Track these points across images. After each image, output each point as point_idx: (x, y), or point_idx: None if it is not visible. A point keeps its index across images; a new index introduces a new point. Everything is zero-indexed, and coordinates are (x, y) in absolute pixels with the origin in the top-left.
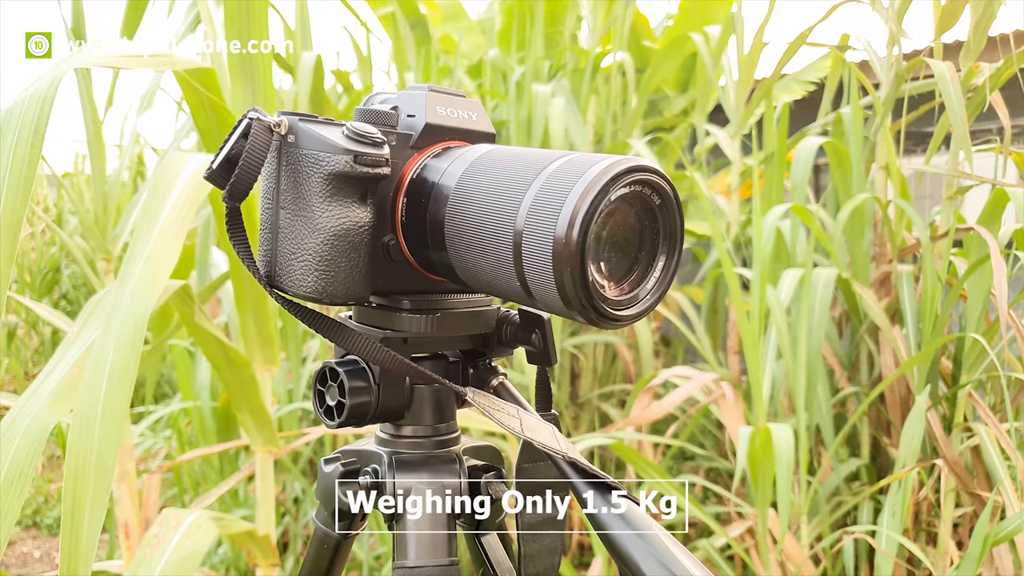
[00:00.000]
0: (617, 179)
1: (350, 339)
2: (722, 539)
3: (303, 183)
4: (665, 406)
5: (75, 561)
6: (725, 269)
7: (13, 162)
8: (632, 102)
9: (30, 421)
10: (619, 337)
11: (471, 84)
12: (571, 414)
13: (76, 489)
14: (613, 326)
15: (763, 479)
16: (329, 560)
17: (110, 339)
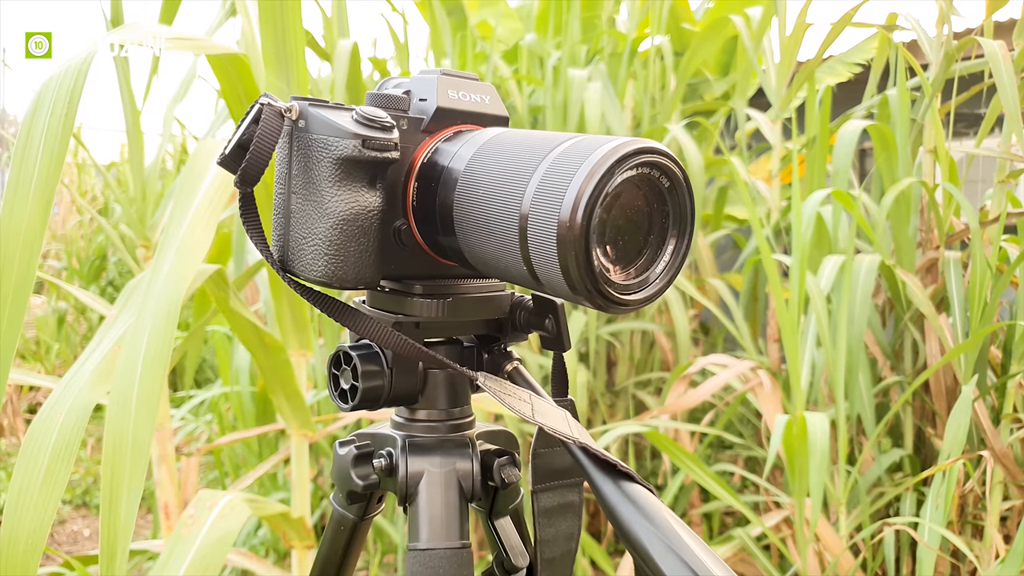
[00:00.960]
0: (623, 161)
1: (362, 323)
2: (758, 528)
3: (313, 168)
4: (701, 394)
5: (114, 537)
6: (763, 255)
7: (47, 134)
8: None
9: (72, 400)
10: (657, 325)
11: (507, 70)
12: (607, 402)
13: (114, 469)
14: (621, 311)
15: (799, 468)
16: (346, 542)
17: (144, 324)
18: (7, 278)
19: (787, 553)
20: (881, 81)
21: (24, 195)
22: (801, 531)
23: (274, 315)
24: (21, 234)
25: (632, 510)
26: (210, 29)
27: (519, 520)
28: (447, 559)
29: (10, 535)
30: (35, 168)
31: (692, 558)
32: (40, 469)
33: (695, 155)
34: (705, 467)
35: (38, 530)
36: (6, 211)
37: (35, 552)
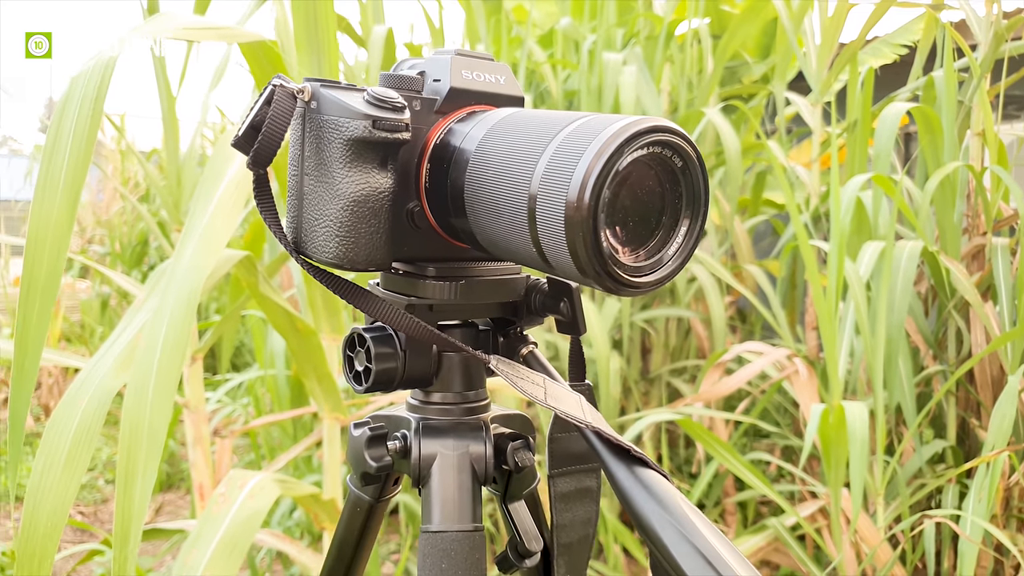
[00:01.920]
0: (632, 140)
1: (374, 305)
2: (794, 518)
3: (325, 149)
4: (735, 382)
5: (128, 519)
6: (800, 241)
7: (76, 128)
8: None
9: (97, 383)
10: (693, 312)
11: (542, 54)
12: (641, 389)
13: (129, 452)
14: (631, 293)
15: (836, 458)
16: (362, 524)
17: (164, 310)
18: (38, 269)
19: (822, 544)
20: (928, 62)
21: (53, 189)
22: (837, 522)
23: (307, 300)
24: (51, 226)
25: (645, 496)
26: (243, 17)
27: (535, 505)
28: (459, 541)
29: (31, 515)
30: (64, 162)
31: (705, 545)
32: (62, 451)
33: (732, 139)
34: (738, 456)
35: (58, 511)
36: (36, 205)
37: (55, 532)
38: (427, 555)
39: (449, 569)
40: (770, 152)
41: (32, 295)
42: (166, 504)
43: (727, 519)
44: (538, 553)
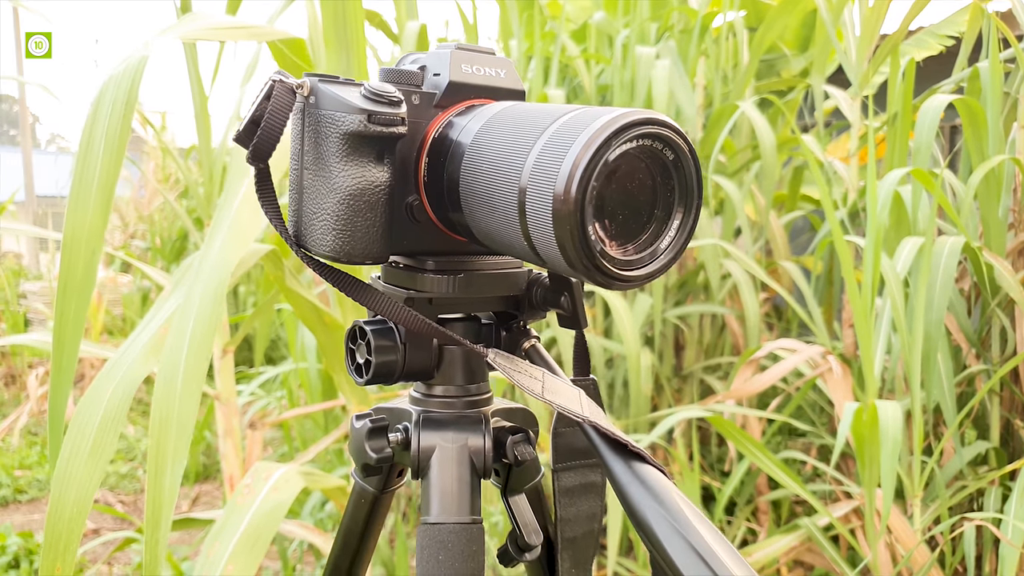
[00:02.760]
0: (620, 133)
1: (373, 298)
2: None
3: (322, 143)
4: (767, 379)
5: (158, 507)
6: (835, 237)
7: (108, 131)
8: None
9: (124, 371)
10: (727, 308)
11: (576, 49)
12: (674, 387)
13: (159, 442)
14: (622, 287)
15: (870, 458)
16: (367, 515)
17: (192, 303)
18: (74, 265)
19: (856, 545)
20: (973, 53)
21: (88, 187)
22: (871, 522)
23: (335, 295)
24: (86, 223)
25: (642, 491)
26: (273, 15)
27: (539, 499)
28: (456, 534)
29: (57, 501)
30: (97, 162)
31: (699, 541)
32: (88, 439)
33: (767, 133)
34: (769, 454)
35: (83, 498)
36: (72, 203)
37: (79, 519)
38: (425, 547)
39: (446, 561)
40: (805, 146)
41: (69, 290)
42: (203, 495)
43: (760, 518)
44: (538, 547)
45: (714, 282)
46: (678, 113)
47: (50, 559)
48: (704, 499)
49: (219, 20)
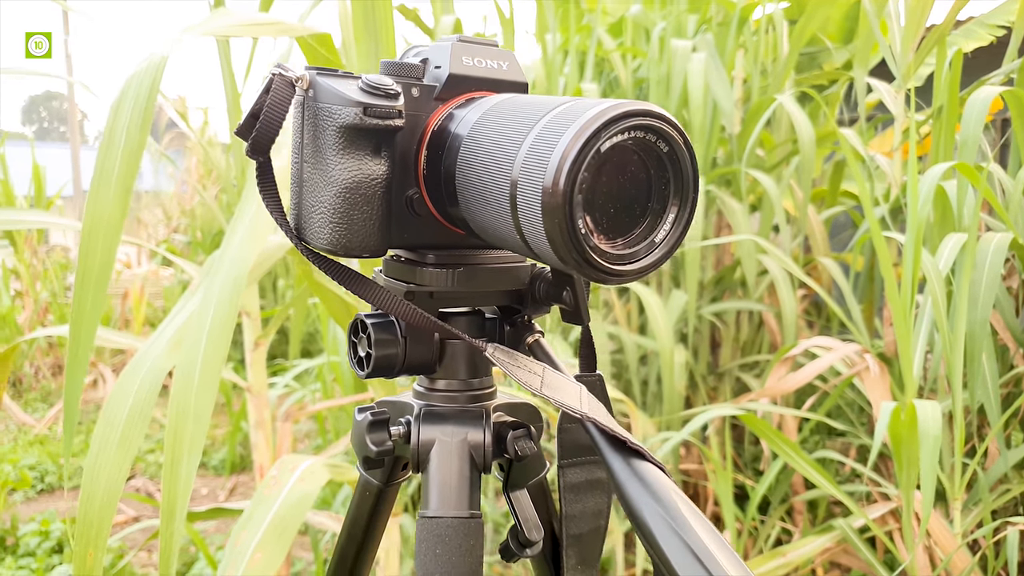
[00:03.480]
0: (610, 125)
1: (372, 292)
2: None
3: (320, 136)
4: (801, 378)
5: (174, 497)
6: (873, 233)
7: (128, 127)
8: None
9: (150, 364)
10: (764, 305)
11: (612, 42)
12: (709, 385)
13: (176, 434)
14: (615, 281)
15: (908, 459)
16: (371, 508)
17: (211, 298)
18: (92, 258)
19: (893, 548)
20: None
21: (107, 182)
22: (909, 524)
23: None
24: (104, 217)
25: (639, 488)
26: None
27: (544, 495)
28: (454, 528)
29: (89, 489)
30: (117, 158)
31: (696, 541)
32: (117, 430)
33: (806, 127)
34: (803, 453)
35: (113, 487)
36: (91, 197)
37: (110, 507)
38: (423, 540)
39: (443, 555)
40: (843, 140)
41: (87, 281)
42: (240, 485)
43: (795, 517)
44: (539, 543)
45: (750, 278)
46: (715, 107)
47: (82, 545)
48: (738, 498)
49: (247, 16)
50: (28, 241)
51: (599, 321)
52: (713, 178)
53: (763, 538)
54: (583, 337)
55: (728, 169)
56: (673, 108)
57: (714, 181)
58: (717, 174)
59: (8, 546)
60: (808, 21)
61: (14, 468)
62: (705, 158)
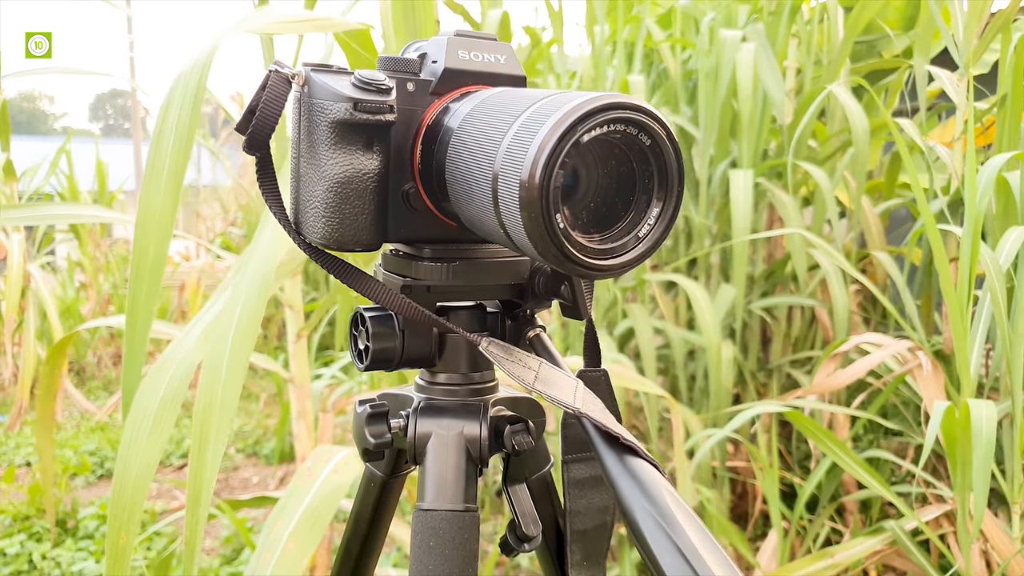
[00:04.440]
0: (587, 118)
1: (368, 286)
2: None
3: (314, 131)
4: (849, 375)
5: (199, 484)
6: (927, 225)
7: (177, 124)
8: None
9: (183, 355)
10: (817, 300)
11: (661, 33)
12: (758, 381)
13: (203, 424)
14: (598, 276)
15: (962, 460)
16: (376, 499)
17: (240, 292)
18: (146, 251)
19: (947, 552)
20: None
21: (158, 177)
22: (964, 528)
23: None
24: (156, 211)
25: (631, 484)
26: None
27: (548, 490)
28: (448, 520)
29: (121, 475)
30: (168, 153)
31: (683, 538)
32: (149, 418)
33: (859, 117)
34: (850, 452)
35: (143, 474)
36: (143, 192)
37: (141, 493)
38: (417, 532)
39: (437, 547)
40: (895, 129)
41: (141, 273)
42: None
43: (846, 518)
44: (537, 537)
45: (800, 273)
46: (765, 98)
47: (115, 529)
48: (789, 496)
49: (286, 13)
50: (92, 235)
51: (645, 315)
52: (762, 170)
53: (811, 537)
54: (587, 331)
55: (777, 161)
56: (721, 99)
57: (764, 173)
58: (767, 166)
59: (68, 528)
60: (864, 8)
61: (75, 453)
62: (756, 150)
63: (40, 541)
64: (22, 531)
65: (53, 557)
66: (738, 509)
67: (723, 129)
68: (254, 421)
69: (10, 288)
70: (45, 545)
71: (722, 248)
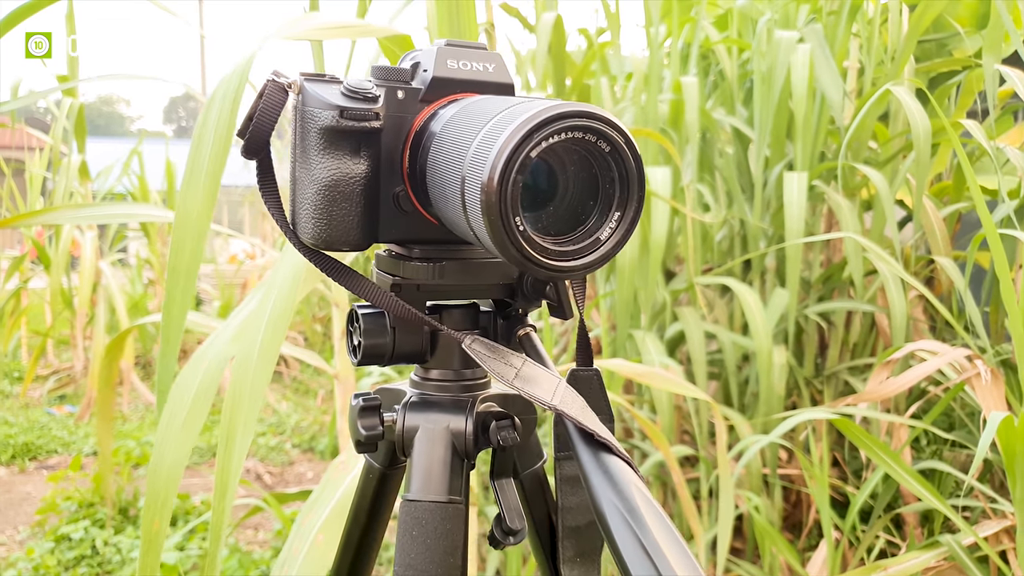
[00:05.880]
0: (543, 126)
1: (358, 284)
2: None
3: (306, 138)
4: (902, 383)
5: (226, 475)
6: (987, 230)
7: (216, 129)
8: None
9: (216, 351)
10: (875, 306)
11: (717, 35)
12: (814, 388)
13: (231, 417)
14: (560, 277)
15: (1022, 474)
16: (375, 491)
17: (273, 289)
18: (183, 249)
19: (1006, 569)
20: None
21: (197, 178)
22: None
23: None
24: (194, 211)
25: (602, 481)
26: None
27: (541, 486)
28: (432, 512)
29: (155, 467)
30: (207, 155)
31: (648, 536)
32: (183, 411)
33: (920, 118)
34: (902, 462)
35: (176, 464)
36: (182, 192)
37: (174, 482)
38: (403, 522)
39: (419, 536)
40: (953, 132)
41: (178, 270)
42: None
43: (904, 531)
44: (522, 531)
45: (857, 277)
46: (823, 100)
47: (149, 516)
48: (842, 506)
49: (326, 20)
50: (160, 233)
51: (696, 319)
52: (818, 173)
53: (863, 549)
54: (578, 331)
55: (833, 163)
56: (775, 101)
57: (821, 176)
58: (823, 168)
59: (130, 516)
60: (929, 5)
61: (138, 444)
62: (812, 152)
63: (103, 527)
64: (87, 517)
65: (115, 543)
66: (792, 518)
67: (778, 131)
68: (311, 417)
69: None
70: (108, 531)
71: (778, 251)
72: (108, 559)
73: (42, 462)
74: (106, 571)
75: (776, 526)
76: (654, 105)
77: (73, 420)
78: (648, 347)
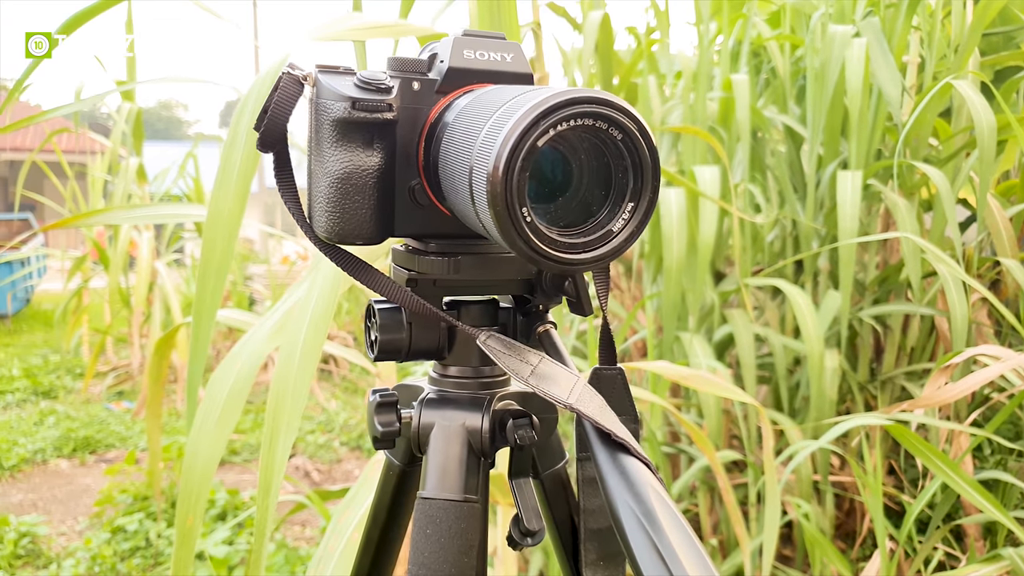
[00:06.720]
0: (549, 113)
1: (373, 279)
2: None
3: (320, 130)
4: (960, 388)
5: (270, 472)
6: None
7: (248, 132)
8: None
9: (252, 348)
10: (934, 309)
11: (769, 31)
12: (868, 393)
13: (276, 413)
14: (571, 271)
15: None
16: (395, 488)
17: (315, 287)
18: (214, 247)
19: None
20: None
21: (229, 178)
22: None
23: None
24: (225, 210)
25: (619, 482)
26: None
27: (563, 487)
28: (446, 510)
29: (189, 465)
30: (238, 156)
31: (663, 538)
32: (217, 408)
33: (984, 113)
34: (960, 470)
35: (209, 461)
36: (214, 193)
37: (206, 479)
38: (417, 519)
39: (433, 535)
40: (1019, 128)
41: (209, 268)
42: None
43: (965, 542)
44: (540, 532)
45: (914, 280)
46: (879, 96)
47: (183, 512)
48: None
49: (366, 19)
50: None
51: (746, 321)
52: (873, 172)
53: (920, 560)
54: (602, 329)
55: (889, 161)
56: (829, 97)
57: (877, 174)
58: (879, 167)
59: None
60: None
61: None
62: (868, 150)
63: (156, 520)
64: (141, 510)
65: (167, 536)
66: (845, 526)
67: (832, 129)
68: (359, 415)
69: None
70: (160, 524)
71: (831, 252)
72: (160, 551)
73: (101, 456)
74: (158, 562)
75: (827, 534)
76: (703, 103)
77: (130, 416)
78: (695, 350)
